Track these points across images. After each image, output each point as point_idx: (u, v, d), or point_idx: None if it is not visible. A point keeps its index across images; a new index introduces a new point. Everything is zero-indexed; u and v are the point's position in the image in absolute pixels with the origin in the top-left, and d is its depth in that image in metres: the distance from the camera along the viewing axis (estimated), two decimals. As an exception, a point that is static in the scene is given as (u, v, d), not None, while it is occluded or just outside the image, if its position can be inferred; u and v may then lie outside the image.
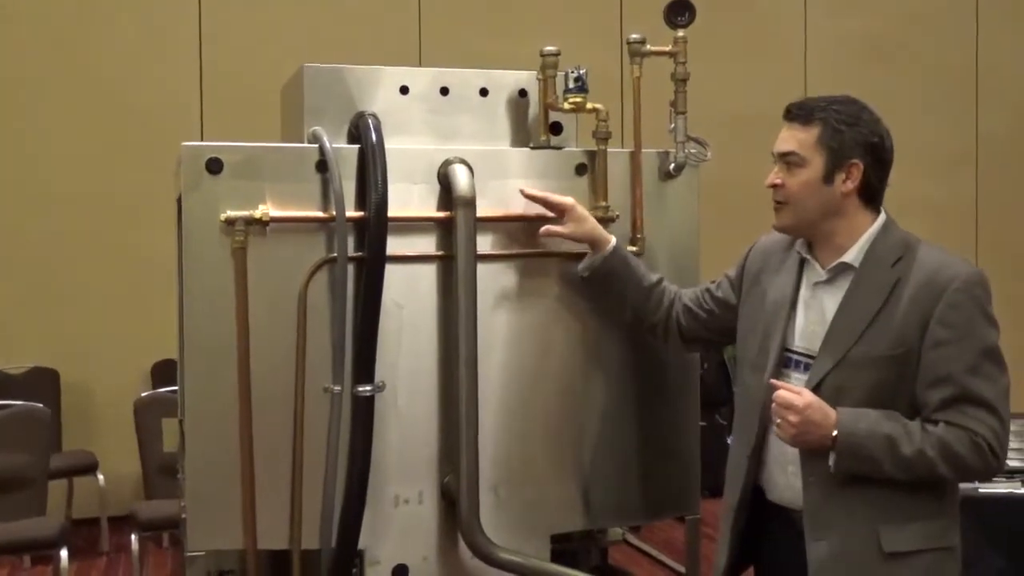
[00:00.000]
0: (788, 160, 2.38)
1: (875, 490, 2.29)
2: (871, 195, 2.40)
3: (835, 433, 2.26)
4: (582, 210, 2.67)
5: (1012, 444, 3.96)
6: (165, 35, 6.93)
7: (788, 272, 2.48)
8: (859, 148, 2.36)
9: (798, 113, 2.39)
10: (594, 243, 2.67)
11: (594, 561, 2.95)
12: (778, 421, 2.31)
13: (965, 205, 8.52)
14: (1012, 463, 3.71)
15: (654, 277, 2.71)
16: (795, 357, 2.43)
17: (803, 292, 2.45)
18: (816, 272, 2.44)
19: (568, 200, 2.66)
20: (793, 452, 2.37)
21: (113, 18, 6.86)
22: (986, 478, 2.38)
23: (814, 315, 2.42)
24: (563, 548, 2.78)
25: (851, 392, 2.31)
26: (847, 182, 2.36)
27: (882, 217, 2.42)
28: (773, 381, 2.37)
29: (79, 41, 6.80)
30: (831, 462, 2.28)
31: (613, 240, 2.67)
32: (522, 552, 2.63)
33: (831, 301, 2.40)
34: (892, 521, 2.30)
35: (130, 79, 6.82)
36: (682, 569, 3.22)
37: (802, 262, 2.47)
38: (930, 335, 2.27)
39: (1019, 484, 3.52)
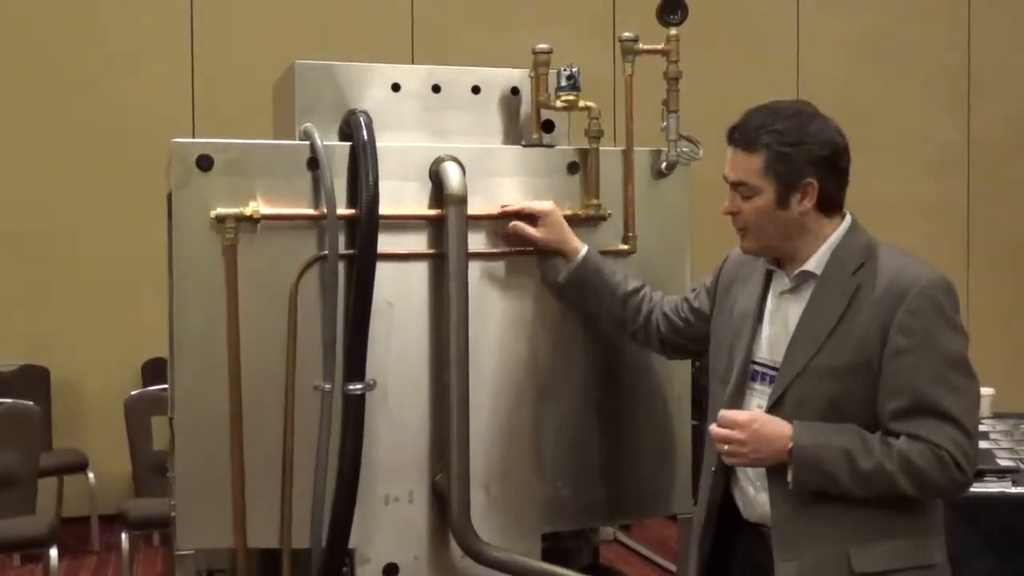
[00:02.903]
0: (738, 189, 2.29)
1: (844, 507, 2.20)
2: (830, 204, 2.29)
3: (790, 446, 2.17)
4: (558, 217, 2.66)
5: (1002, 443, 3.98)
6: (156, 32, 6.91)
7: (755, 283, 2.41)
8: (810, 167, 2.24)
9: (739, 138, 2.28)
10: (564, 251, 2.66)
11: (585, 560, 2.94)
12: (726, 447, 2.22)
13: (957, 206, 8.52)
14: (1003, 463, 3.71)
15: (630, 285, 2.68)
16: (760, 369, 2.35)
17: (769, 303, 2.38)
18: (782, 282, 2.36)
19: (546, 206, 2.65)
20: (761, 471, 2.30)
21: (103, 16, 6.83)
22: (953, 494, 2.23)
23: (779, 325, 2.35)
24: (554, 547, 2.77)
25: (814, 404, 2.22)
26: (804, 202, 2.26)
27: (847, 221, 2.33)
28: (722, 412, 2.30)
29: (69, 39, 6.77)
30: (789, 478, 2.19)
31: (585, 249, 2.66)
32: (513, 551, 2.62)
33: (795, 310, 2.31)
34: (862, 540, 2.20)
35: (121, 76, 6.79)
36: (673, 568, 3.22)
37: (769, 272, 2.40)
38: (890, 344, 2.17)
39: (1010, 484, 3.52)
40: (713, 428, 2.26)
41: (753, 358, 2.37)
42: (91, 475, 6.31)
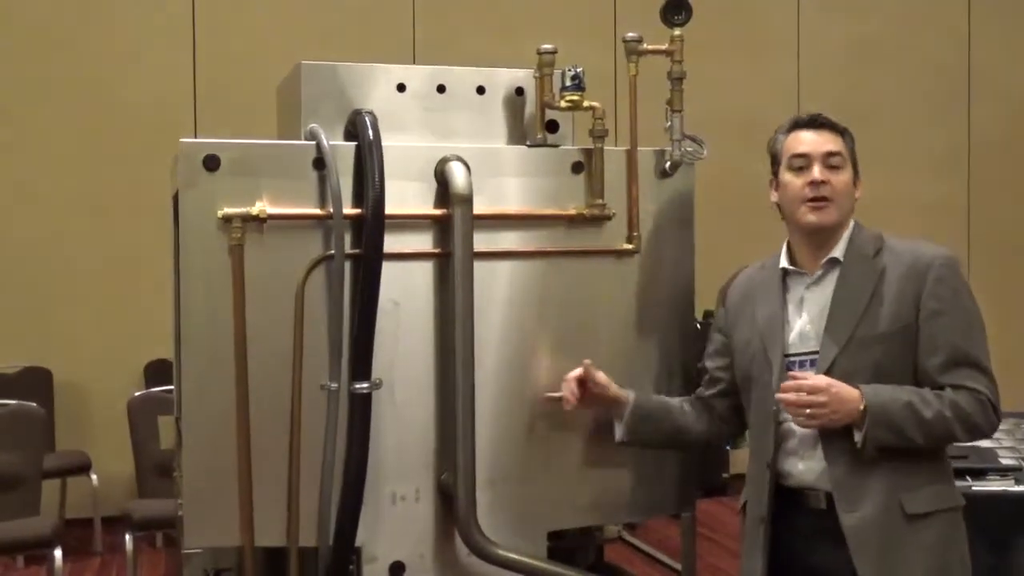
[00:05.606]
0: (832, 161, 2.51)
1: (892, 461, 2.41)
2: None
3: (863, 406, 2.36)
4: (595, 374, 2.67)
5: (1004, 442, 3.98)
6: (159, 32, 6.92)
7: (771, 290, 2.59)
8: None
9: (826, 122, 2.56)
10: (617, 399, 2.68)
11: (590, 559, 2.95)
12: (807, 411, 2.38)
13: (957, 205, 8.54)
14: (1005, 461, 3.72)
15: (678, 400, 2.76)
16: (797, 359, 2.51)
17: (791, 303, 2.56)
18: (803, 278, 2.55)
19: (581, 371, 2.66)
20: (811, 439, 2.46)
21: (107, 16, 6.84)
22: (990, 433, 2.54)
23: (808, 314, 2.53)
24: (559, 545, 2.78)
25: (859, 374, 2.42)
26: (858, 192, 2.57)
27: (851, 218, 2.59)
28: (789, 376, 2.44)
29: (73, 39, 6.78)
30: (858, 438, 2.37)
31: (631, 395, 2.69)
32: (518, 549, 2.64)
33: (822, 298, 2.51)
34: (909, 487, 2.43)
35: (124, 76, 6.80)
36: (677, 567, 3.23)
37: (784, 277, 2.57)
38: (924, 308, 2.44)
39: (1012, 482, 3.53)
40: (786, 395, 2.40)
41: (787, 351, 2.52)
42: (94, 476, 6.31)
